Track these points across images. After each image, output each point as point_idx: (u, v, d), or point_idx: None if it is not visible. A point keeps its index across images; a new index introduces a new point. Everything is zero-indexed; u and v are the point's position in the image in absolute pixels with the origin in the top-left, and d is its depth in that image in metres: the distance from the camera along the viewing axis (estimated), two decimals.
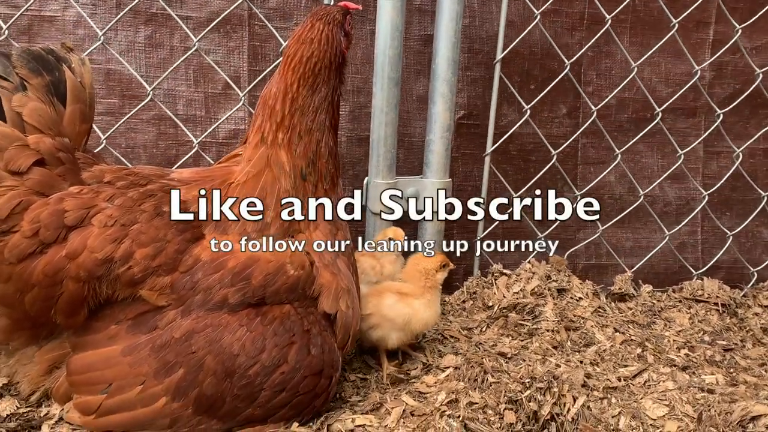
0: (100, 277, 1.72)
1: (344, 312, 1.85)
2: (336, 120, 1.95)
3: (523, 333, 2.43)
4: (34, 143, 1.72)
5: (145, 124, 2.60)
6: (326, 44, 1.86)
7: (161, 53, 2.57)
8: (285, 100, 1.87)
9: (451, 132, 2.58)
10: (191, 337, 1.72)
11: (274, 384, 1.72)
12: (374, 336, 2.09)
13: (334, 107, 1.93)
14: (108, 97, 2.54)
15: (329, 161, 1.93)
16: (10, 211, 1.69)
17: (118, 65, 2.52)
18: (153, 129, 2.61)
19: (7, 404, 1.83)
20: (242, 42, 2.62)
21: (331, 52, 1.87)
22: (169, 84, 2.58)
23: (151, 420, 1.73)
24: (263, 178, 1.87)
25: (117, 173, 1.86)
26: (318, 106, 1.88)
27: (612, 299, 2.85)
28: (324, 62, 1.86)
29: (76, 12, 2.46)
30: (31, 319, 1.76)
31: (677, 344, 2.47)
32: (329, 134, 1.92)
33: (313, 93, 1.87)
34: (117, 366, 1.73)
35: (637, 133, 3.05)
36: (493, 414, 1.84)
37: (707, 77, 3.12)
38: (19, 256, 1.70)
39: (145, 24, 2.54)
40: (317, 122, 1.89)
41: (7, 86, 1.73)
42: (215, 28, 2.55)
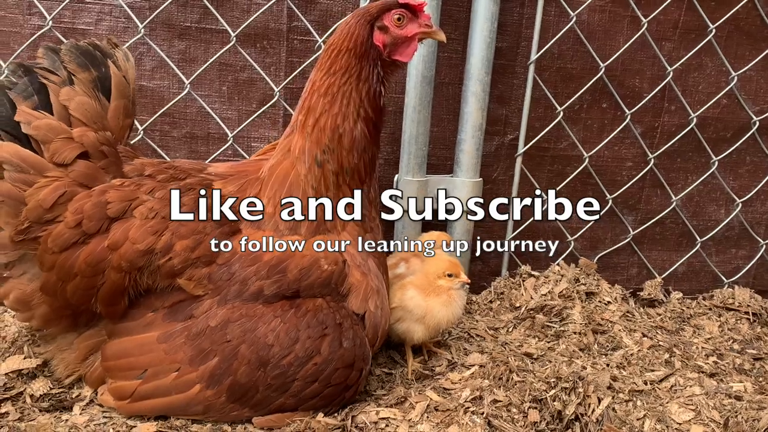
0: (141, 267, 1.78)
1: (372, 312, 1.88)
2: (369, 115, 1.91)
3: (550, 335, 2.43)
4: (79, 136, 1.79)
5: (176, 141, 2.58)
6: (345, 33, 1.88)
7: (195, 68, 2.51)
8: (307, 84, 1.93)
9: (482, 132, 2.59)
10: (226, 326, 1.77)
11: (306, 375, 1.77)
12: (399, 329, 2.12)
13: (363, 98, 1.89)
14: (139, 113, 2.47)
15: (353, 155, 1.91)
16: (55, 201, 1.76)
17: (151, 81, 2.51)
18: (185, 147, 2.59)
19: (41, 385, 1.89)
20: (279, 58, 2.57)
21: (348, 39, 1.87)
22: (202, 101, 2.53)
23: (185, 406, 1.78)
24: (281, 167, 1.91)
25: (157, 167, 1.91)
26: (336, 91, 1.87)
27: (641, 305, 2.84)
28: (339, 47, 1.88)
29: (108, 25, 2.45)
30: (72, 308, 1.83)
31: (706, 351, 2.46)
32: (356, 125, 1.89)
33: (329, 75, 1.88)
34: (153, 352, 1.79)
35: (714, 153, 2.95)
36: (517, 412, 1.86)
37: None
38: (62, 246, 1.76)
39: (180, 38, 2.50)
40: (337, 107, 1.87)
41: (55, 80, 1.80)
42: (252, 43, 2.52)
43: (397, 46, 1.93)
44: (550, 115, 2.78)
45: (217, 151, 2.57)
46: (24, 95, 1.77)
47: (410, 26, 1.92)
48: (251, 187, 1.90)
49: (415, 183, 2.53)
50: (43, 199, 1.75)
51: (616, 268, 3.02)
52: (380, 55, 1.91)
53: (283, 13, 2.52)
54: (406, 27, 1.92)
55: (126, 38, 2.43)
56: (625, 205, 2.97)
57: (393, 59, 1.94)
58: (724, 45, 2.84)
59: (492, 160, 2.78)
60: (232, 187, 1.90)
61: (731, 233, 3.11)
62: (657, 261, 3.05)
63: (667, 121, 2.90)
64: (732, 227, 3.10)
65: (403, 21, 1.91)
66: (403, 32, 1.91)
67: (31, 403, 1.85)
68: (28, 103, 1.77)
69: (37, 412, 1.82)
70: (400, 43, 1.92)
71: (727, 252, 3.12)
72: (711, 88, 2.89)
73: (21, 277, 1.85)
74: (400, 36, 1.91)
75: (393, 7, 1.90)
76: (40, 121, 1.76)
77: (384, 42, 1.90)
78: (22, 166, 1.76)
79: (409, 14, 1.92)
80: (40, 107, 1.78)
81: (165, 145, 2.57)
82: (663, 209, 2.98)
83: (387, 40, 1.91)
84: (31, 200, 1.75)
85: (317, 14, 2.55)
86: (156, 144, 2.55)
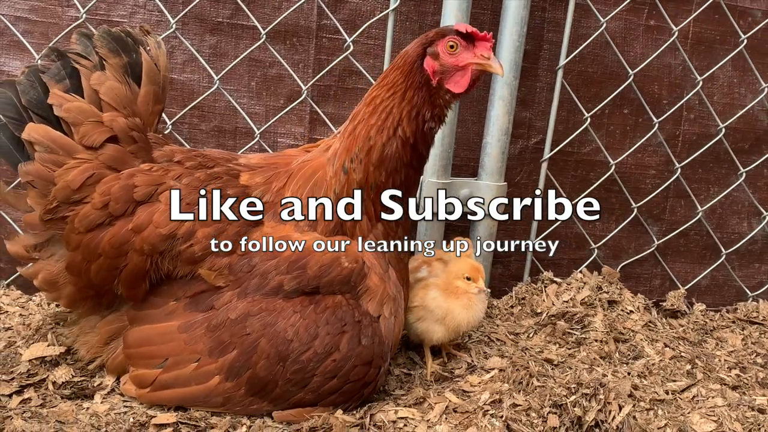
0: (162, 252, 1.79)
1: (386, 318, 1.87)
2: (407, 136, 1.83)
3: (571, 341, 2.41)
4: (109, 121, 1.81)
5: (204, 135, 2.59)
6: (403, 52, 1.85)
7: (225, 63, 2.51)
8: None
9: (508, 135, 2.57)
10: (246, 319, 1.77)
11: (326, 371, 1.76)
12: (419, 328, 2.11)
13: (403, 117, 1.82)
14: (168, 106, 2.48)
15: (381, 172, 1.84)
16: (83, 182, 1.78)
17: (182, 74, 2.51)
18: (212, 140, 2.59)
19: (63, 372, 1.91)
20: (308, 56, 2.56)
21: (401, 57, 1.84)
22: (230, 96, 2.53)
23: (205, 397, 1.78)
24: (312, 164, 1.90)
25: (187, 154, 1.92)
26: (379, 103, 1.84)
27: (664, 315, 2.81)
28: (394, 64, 1.86)
29: (142, 18, 2.46)
30: (95, 288, 1.85)
31: (728, 364, 2.42)
32: (390, 142, 1.83)
33: (378, 88, 1.86)
34: (173, 342, 1.80)
35: (733, 164, 2.93)
36: (536, 417, 1.84)
37: None
38: (88, 226, 1.78)
39: (211, 33, 2.51)
40: (375, 118, 1.83)
41: (86, 65, 1.82)
42: (281, 39, 2.53)
43: (450, 75, 1.83)
44: (573, 119, 2.76)
45: (245, 145, 2.58)
46: (56, 78, 1.80)
47: (464, 55, 1.82)
48: (277, 180, 1.90)
49: (440, 185, 2.52)
50: (71, 180, 1.78)
51: (639, 278, 2.99)
52: (428, 81, 1.83)
53: (313, 12, 2.53)
54: (459, 56, 1.82)
55: (159, 32, 2.44)
56: (650, 214, 2.94)
57: (445, 87, 1.84)
58: (733, 57, 2.86)
59: (515, 163, 2.77)
60: (259, 179, 1.90)
61: (754, 247, 3.08)
62: (680, 272, 3.01)
63: (687, 129, 2.89)
64: (755, 241, 3.06)
65: (456, 49, 1.81)
66: (454, 61, 1.82)
67: (53, 390, 1.86)
68: (60, 87, 1.80)
69: (58, 399, 1.84)
70: (453, 72, 1.83)
71: (751, 266, 3.09)
72: (725, 99, 2.90)
73: (49, 258, 1.88)
74: (451, 64, 1.82)
75: (448, 33, 1.83)
76: (71, 103, 1.79)
77: (433, 68, 1.82)
78: (53, 147, 1.79)
79: (464, 42, 1.82)
80: (71, 91, 1.80)
81: (193, 137, 2.58)
82: (687, 220, 2.95)
83: (436, 67, 1.82)
84: (60, 180, 1.78)
85: (346, 13, 2.55)
86: (184, 137, 2.56)
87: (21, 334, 2.08)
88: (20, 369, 1.90)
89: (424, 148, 1.90)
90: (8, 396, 1.82)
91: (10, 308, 2.29)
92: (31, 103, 1.79)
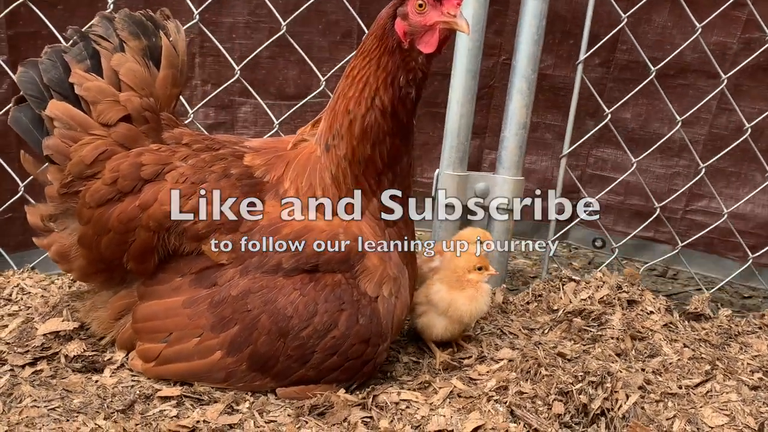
0: (168, 228, 1.83)
1: (386, 298, 1.86)
2: (385, 105, 1.80)
3: (587, 338, 2.35)
4: (125, 100, 1.86)
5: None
6: (377, 19, 1.82)
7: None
8: None
9: (526, 129, 2.56)
10: (247, 296, 1.79)
11: (326, 347, 1.77)
12: (420, 322, 2.12)
13: (380, 85, 1.78)
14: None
15: (365, 144, 1.83)
16: (95, 158, 1.84)
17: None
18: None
19: (75, 346, 1.96)
20: None
21: (375, 23, 1.80)
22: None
23: (207, 372, 1.81)
24: (306, 148, 1.92)
25: (195, 137, 1.97)
26: (356, 74, 1.80)
27: (686, 318, 2.73)
28: (369, 32, 1.82)
29: None
30: (106, 262, 1.89)
31: (751, 367, 2.33)
32: (369, 113, 1.80)
33: (355, 58, 1.84)
34: (177, 317, 1.83)
35: (752, 165, 2.89)
36: (542, 404, 1.82)
37: None
38: (99, 201, 1.84)
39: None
40: (353, 90, 1.81)
41: (107, 46, 1.88)
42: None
43: (419, 35, 1.77)
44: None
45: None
46: (78, 59, 1.86)
47: (431, 14, 1.75)
48: (279, 161, 1.93)
49: (456, 178, 2.52)
50: (85, 155, 1.83)
51: (661, 280, 2.93)
52: (400, 43, 1.77)
53: None
54: (427, 15, 1.75)
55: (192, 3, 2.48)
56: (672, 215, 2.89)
57: (417, 48, 1.78)
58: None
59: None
60: (260, 161, 1.93)
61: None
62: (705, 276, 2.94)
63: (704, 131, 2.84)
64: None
65: (425, 8, 1.75)
66: (422, 20, 1.75)
67: (65, 363, 1.91)
68: (81, 66, 1.86)
69: (69, 372, 1.88)
70: (422, 32, 1.77)
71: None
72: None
73: (62, 231, 1.94)
74: (419, 24, 1.76)
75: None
76: (90, 83, 1.84)
77: (404, 30, 1.77)
78: (71, 124, 1.85)
79: (432, 1, 1.75)
80: (92, 71, 1.86)
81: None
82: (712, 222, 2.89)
83: (406, 28, 1.76)
84: (75, 155, 1.84)
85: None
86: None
87: (39, 311, 2.14)
88: (35, 342, 1.96)
89: (405, 116, 1.84)
90: (21, 367, 1.88)
91: (33, 290, 2.35)
92: (53, 82, 1.85)
